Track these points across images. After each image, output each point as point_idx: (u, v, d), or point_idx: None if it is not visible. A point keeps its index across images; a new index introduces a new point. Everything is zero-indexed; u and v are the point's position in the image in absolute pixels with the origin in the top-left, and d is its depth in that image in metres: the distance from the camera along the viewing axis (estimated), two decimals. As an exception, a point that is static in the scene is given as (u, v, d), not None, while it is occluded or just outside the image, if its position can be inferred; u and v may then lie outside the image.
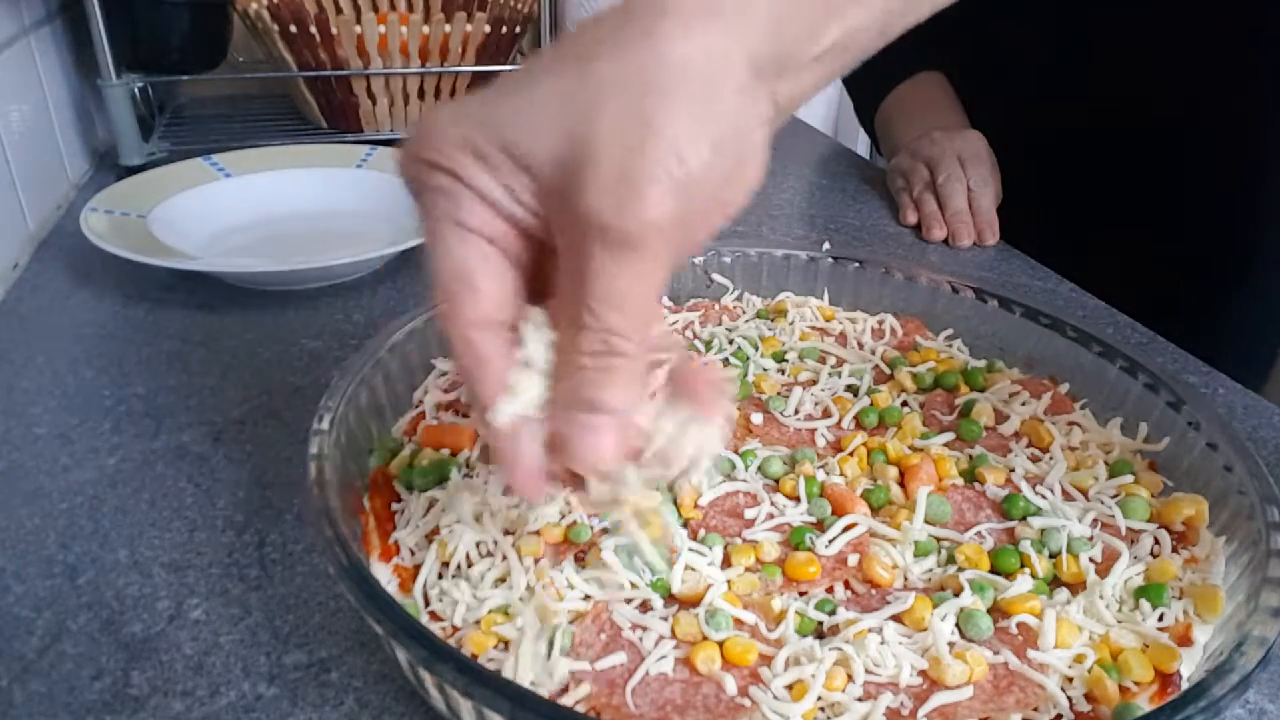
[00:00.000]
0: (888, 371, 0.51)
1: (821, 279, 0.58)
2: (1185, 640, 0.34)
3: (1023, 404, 0.47)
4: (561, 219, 0.27)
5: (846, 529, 0.38)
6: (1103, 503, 0.40)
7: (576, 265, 0.26)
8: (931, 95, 0.87)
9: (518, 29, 0.93)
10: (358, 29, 0.86)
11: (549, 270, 0.29)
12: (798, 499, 0.40)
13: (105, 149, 0.92)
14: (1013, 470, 0.42)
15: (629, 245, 0.26)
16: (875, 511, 0.40)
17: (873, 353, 0.52)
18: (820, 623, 0.34)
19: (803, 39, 0.28)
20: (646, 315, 0.27)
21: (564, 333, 0.28)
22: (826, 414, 0.46)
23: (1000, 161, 0.81)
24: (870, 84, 0.92)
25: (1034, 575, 0.36)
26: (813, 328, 0.55)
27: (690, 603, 0.35)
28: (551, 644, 0.32)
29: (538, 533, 0.37)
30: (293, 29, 0.85)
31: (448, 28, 0.89)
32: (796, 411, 0.46)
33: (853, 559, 0.37)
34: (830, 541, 0.37)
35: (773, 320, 0.55)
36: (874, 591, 0.36)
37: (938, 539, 0.38)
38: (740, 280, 0.58)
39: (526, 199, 0.27)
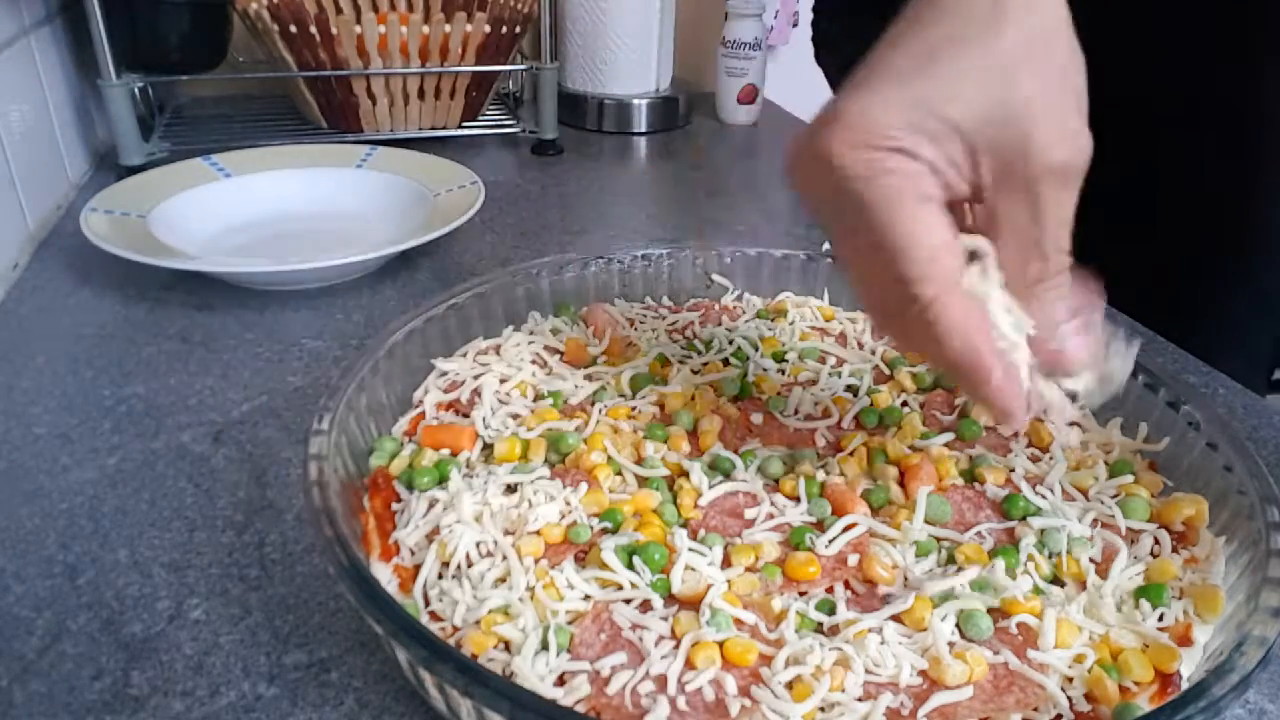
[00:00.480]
0: (887, 371, 0.51)
1: (821, 279, 0.58)
2: (1185, 640, 0.34)
3: (1023, 404, 0.47)
4: (994, 173, 0.31)
5: (846, 529, 0.38)
6: (1103, 503, 0.40)
7: (1025, 208, 0.31)
8: None
9: (518, 29, 0.93)
10: (358, 29, 0.86)
11: None
12: (798, 499, 0.40)
13: (105, 149, 0.92)
14: (1013, 470, 0.42)
15: (1074, 176, 0.31)
16: (875, 511, 0.40)
17: (873, 353, 0.52)
18: (820, 623, 0.34)
19: None
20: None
21: (1022, 274, 0.33)
22: (826, 414, 0.46)
23: None
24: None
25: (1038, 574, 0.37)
26: (813, 328, 0.55)
27: (690, 603, 0.35)
28: (547, 644, 0.32)
29: (538, 533, 0.37)
30: (293, 29, 0.85)
31: (448, 28, 0.89)
32: (796, 411, 0.46)
33: (853, 559, 0.37)
34: (830, 541, 0.37)
35: (773, 320, 0.55)
36: (874, 591, 0.36)
37: (937, 539, 0.38)
38: (740, 280, 0.58)
39: (961, 162, 0.31)
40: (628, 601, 0.35)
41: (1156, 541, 0.39)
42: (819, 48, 0.91)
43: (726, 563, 0.37)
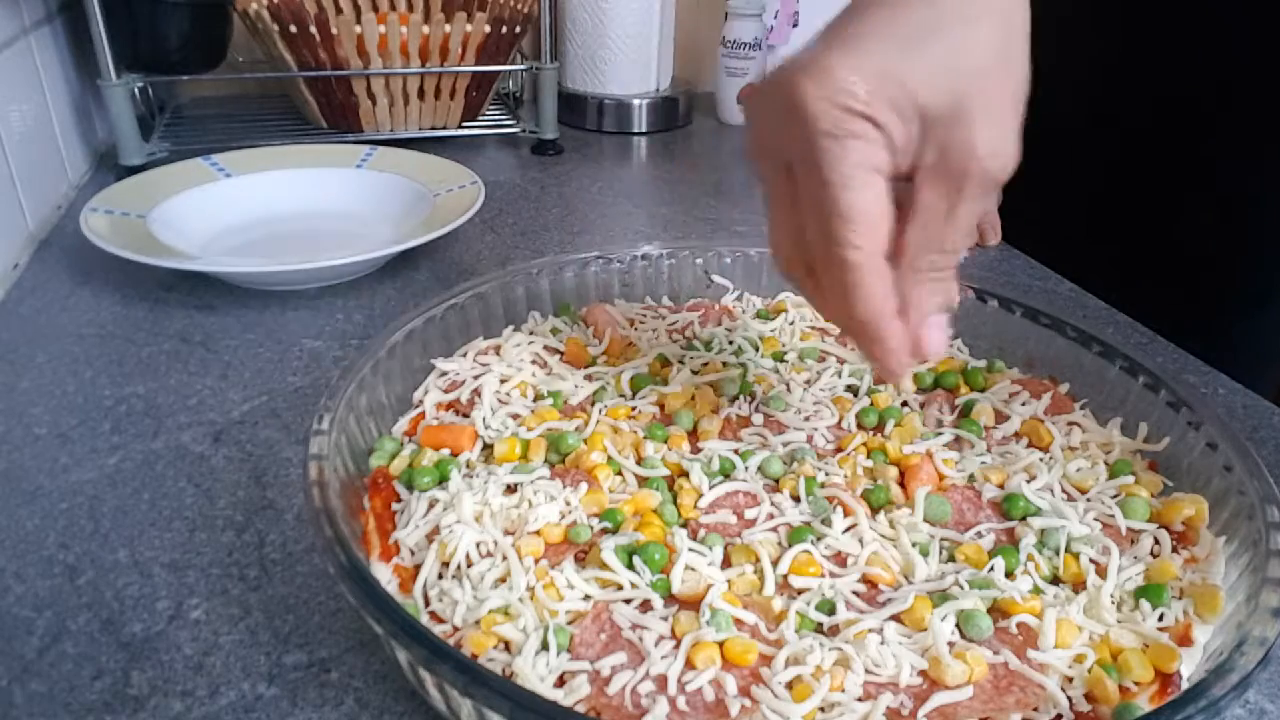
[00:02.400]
0: (888, 371, 0.51)
1: (821, 279, 0.58)
2: (1185, 640, 0.34)
3: (1023, 404, 0.47)
4: (941, 164, 0.32)
5: (847, 529, 0.38)
6: (1103, 503, 0.40)
7: (947, 197, 0.33)
8: None
9: (518, 29, 0.93)
10: (358, 29, 0.86)
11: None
12: (798, 499, 0.40)
13: (105, 149, 0.92)
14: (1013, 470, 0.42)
15: (995, 187, 0.32)
16: (875, 511, 0.40)
17: (873, 353, 0.52)
18: (820, 623, 0.34)
19: None
20: None
21: (922, 256, 0.34)
22: (827, 414, 0.46)
23: None
24: None
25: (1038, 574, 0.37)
26: (813, 328, 0.55)
27: (690, 603, 0.35)
28: (547, 644, 0.32)
29: (538, 533, 0.37)
30: (293, 29, 0.85)
31: (448, 28, 0.89)
32: (797, 411, 0.46)
33: (853, 559, 0.37)
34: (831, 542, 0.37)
35: (772, 320, 0.55)
36: (874, 591, 0.36)
37: (939, 539, 0.38)
38: (740, 280, 0.58)
39: (914, 143, 0.32)
40: (628, 601, 0.35)
41: (1156, 541, 0.39)
42: None
43: (726, 563, 0.37)
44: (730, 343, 0.52)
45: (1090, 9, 0.78)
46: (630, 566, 0.35)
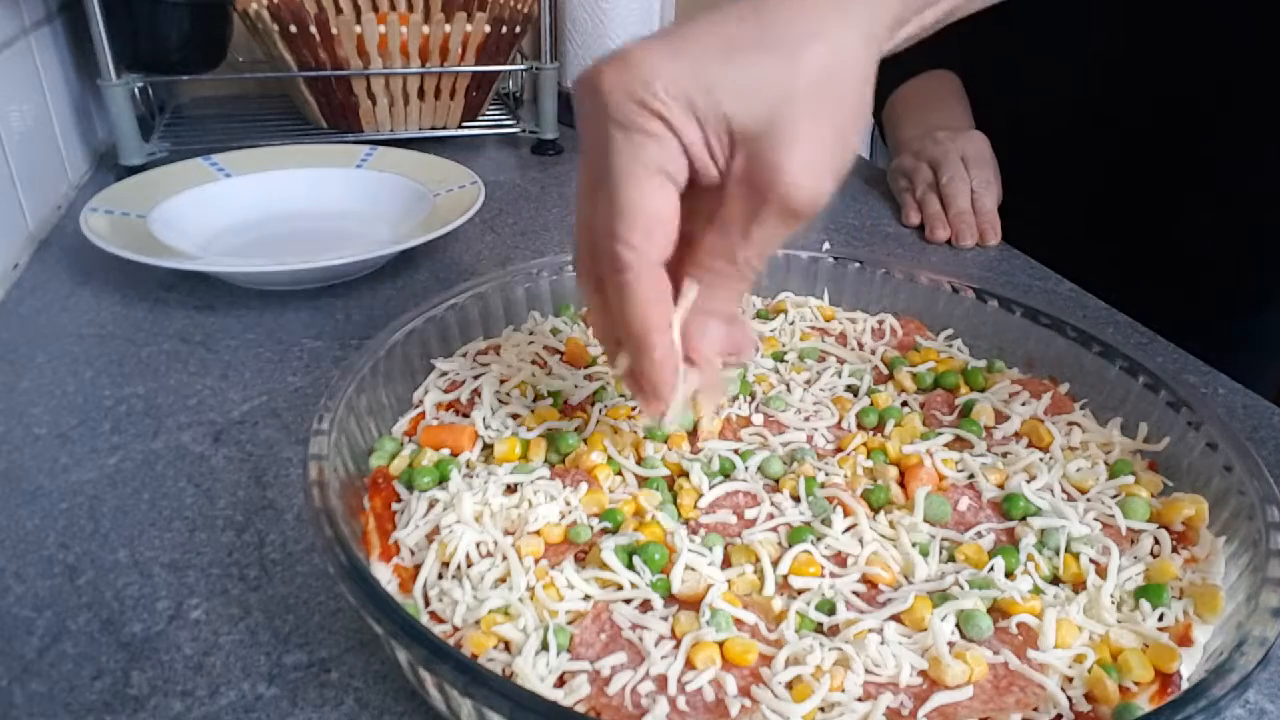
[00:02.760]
0: (887, 372, 0.51)
1: (821, 279, 0.58)
2: (1185, 640, 0.34)
3: (1023, 404, 0.47)
4: (742, 177, 0.32)
5: (847, 529, 0.38)
6: (1103, 503, 0.40)
7: (746, 212, 0.32)
8: (940, 92, 0.87)
9: (518, 29, 0.93)
10: (358, 29, 0.86)
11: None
12: (798, 499, 0.40)
13: (105, 149, 0.92)
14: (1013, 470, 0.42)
15: (800, 216, 0.32)
16: (875, 511, 0.40)
17: (873, 353, 0.52)
18: (820, 623, 0.34)
19: (896, 28, 0.35)
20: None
21: (709, 262, 0.34)
22: (827, 414, 0.46)
23: (1003, 162, 0.81)
24: (882, 73, 0.92)
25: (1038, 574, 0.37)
26: (813, 328, 0.55)
27: (690, 603, 0.35)
28: (547, 644, 0.32)
29: (538, 533, 0.37)
30: (293, 29, 0.85)
31: (448, 28, 0.89)
32: (797, 411, 0.46)
33: (853, 559, 0.37)
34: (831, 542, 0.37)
35: (772, 320, 0.55)
36: (874, 591, 0.36)
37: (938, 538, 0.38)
38: (740, 280, 0.58)
39: (719, 153, 0.32)
40: (628, 601, 0.35)
41: (1156, 541, 0.39)
42: None
43: (726, 563, 0.37)
44: (730, 343, 0.52)
45: (1091, 9, 0.78)
46: (630, 566, 0.35)
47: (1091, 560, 0.37)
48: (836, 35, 0.31)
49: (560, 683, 0.31)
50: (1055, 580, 0.37)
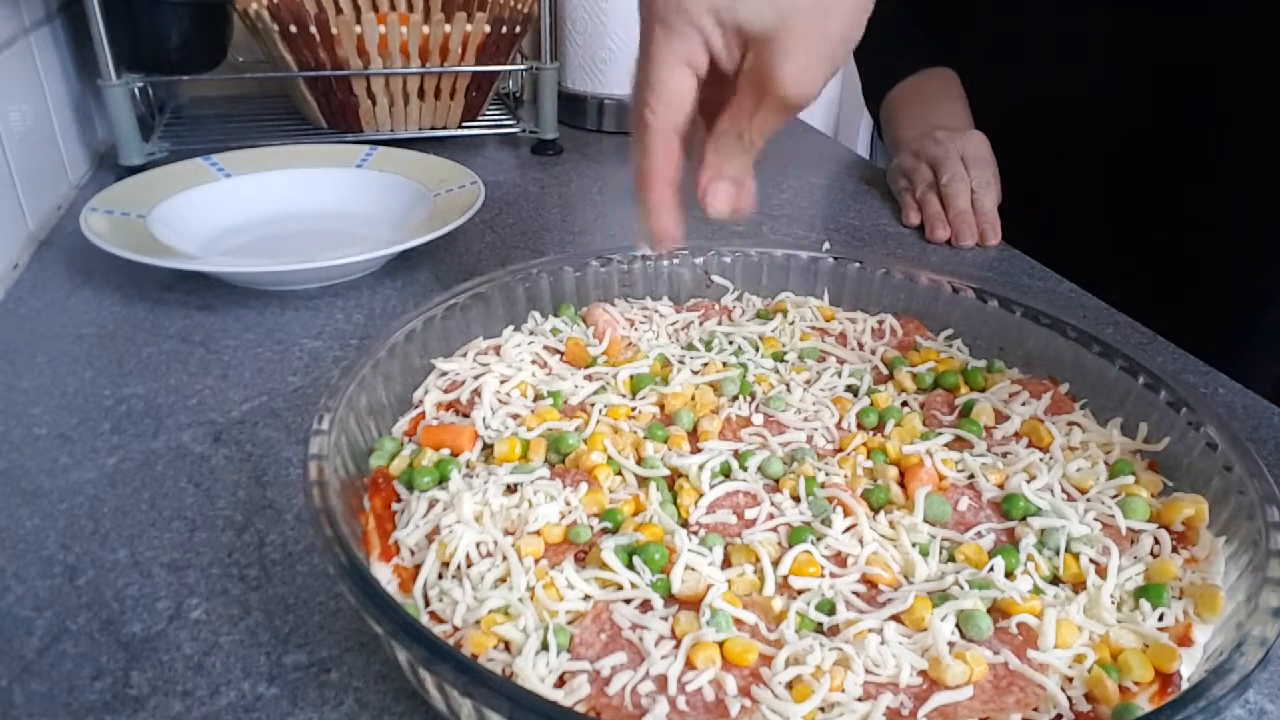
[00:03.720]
0: (887, 372, 0.51)
1: (821, 279, 0.58)
2: (1185, 640, 0.34)
3: (1023, 404, 0.47)
4: (751, 71, 0.40)
5: (847, 529, 0.38)
6: (1103, 503, 0.40)
7: (750, 101, 0.41)
8: (939, 91, 0.87)
9: (518, 29, 0.93)
10: (358, 29, 0.86)
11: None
12: (798, 499, 0.40)
13: (105, 149, 0.92)
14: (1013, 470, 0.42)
15: (792, 110, 0.41)
16: (875, 511, 0.40)
17: (873, 353, 0.52)
18: (820, 623, 0.34)
19: None
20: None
21: (724, 134, 0.43)
22: (827, 414, 0.46)
23: (1004, 161, 0.81)
24: (881, 70, 0.92)
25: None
26: (813, 328, 0.55)
27: (690, 603, 0.35)
28: (547, 644, 0.32)
29: (538, 533, 0.37)
30: (293, 29, 0.85)
31: (448, 28, 0.89)
32: (797, 411, 0.46)
33: (853, 559, 0.37)
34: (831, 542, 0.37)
35: (772, 320, 0.55)
36: (874, 591, 0.36)
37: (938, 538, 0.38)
38: (740, 280, 0.58)
39: (733, 50, 0.41)
40: (628, 601, 0.35)
41: (1156, 541, 0.39)
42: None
43: (726, 563, 0.37)
44: (730, 343, 0.52)
45: (1091, 8, 0.78)
46: (630, 566, 0.35)
47: (1091, 560, 0.37)
48: None
49: (560, 683, 0.31)
50: (1055, 580, 0.37)
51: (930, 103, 0.87)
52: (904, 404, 0.48)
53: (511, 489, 0.39)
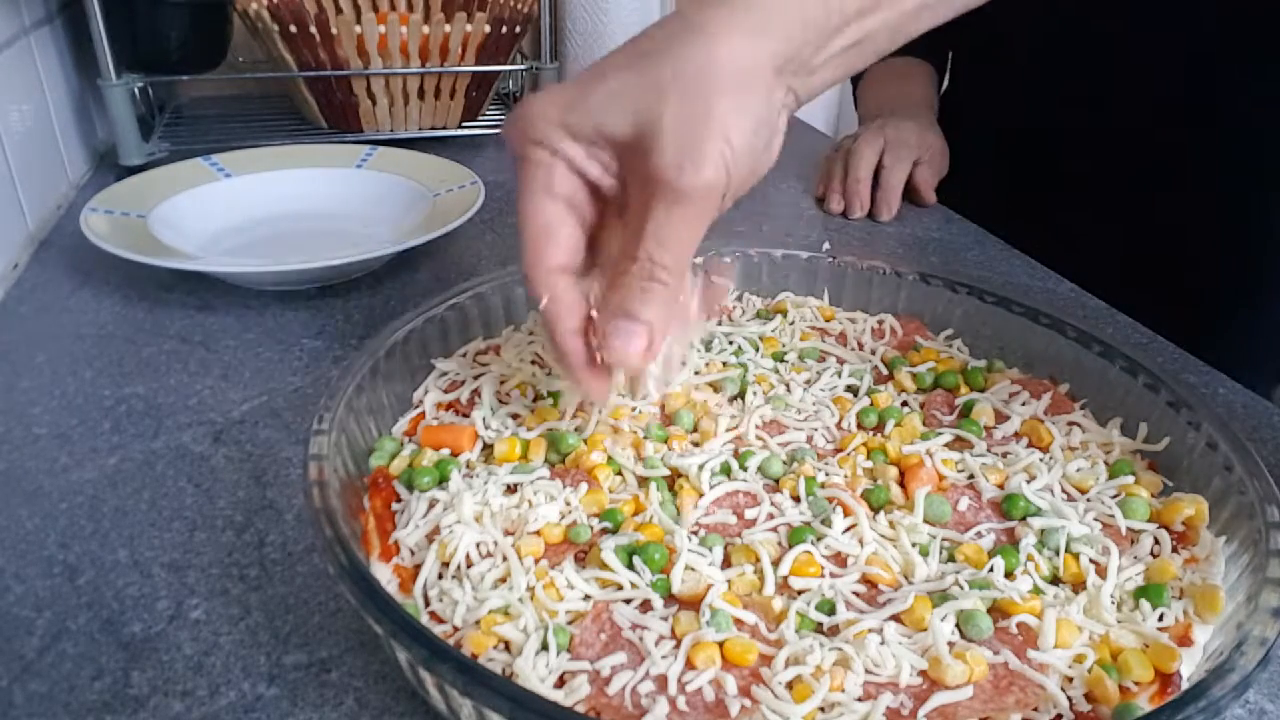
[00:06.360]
0: (887, 372, 0.51)
1: (821, 279, 0.58)
2: (1185, 640, 0.34)
3: (1023, 404, 0.47)
4: (634, 179, 0.36)
5: (847, 529, 0.38)
6: (1103, 503, 0.40)
7: (641, 213, 0.35)
8: (902, 74, 0.90)
9: (518, 29, 0.93)
10: (358, 29, 0.86)
11: (599, 239, 0.39)
12: (798, 499, 0.40)
13: (105, 149, 0.92)
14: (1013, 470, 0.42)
15: (686, 202, 0.34)
16: (875, 511, 0.40)
17: (873, 353, 0.52)
18: (820, 623, 0.34)
19: (818, 45, 0.36)
20: (685, 256, 0.37)
21: (621, 264, 0.36)
22: (827, 414, 0.46)
23: (1003, 161, 0.81)
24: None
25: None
26: (813, 328, 0.55)
27: (690, 603, 0.35)
28: (547, 644, 0.32)
29: (538, 533, 0.37)
30: (293, 29, 0.85)
31: (448, 28, 0.89)
32: (797, 411, 0.46)
33: (853, 559, 0.37)
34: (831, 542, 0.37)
35: (772, 320, 0.55)
36: (874, 591, 0.36)
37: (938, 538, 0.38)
38: (740, 280, 0.58)
39: (606, 163, 0.36)
40: (628, 601, 0.35)
41: (1156, 541, 0.39)
42: None
43: (726, 563, 0.37)
44: (730, 343, 0.52)
45: (1091, 8, 0.78)
46: (630, 566, 0.35)
47: (1091, 560, 0.37)
48: (712, 35, 0.34)
49: (560, 683, 0.31)
50: (1055, 580, 0.37)
51: (888, 84, 0.90)
52: (904, 404, 0.48)
53: (511, 489, 0.39)
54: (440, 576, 0.35)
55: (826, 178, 0.83)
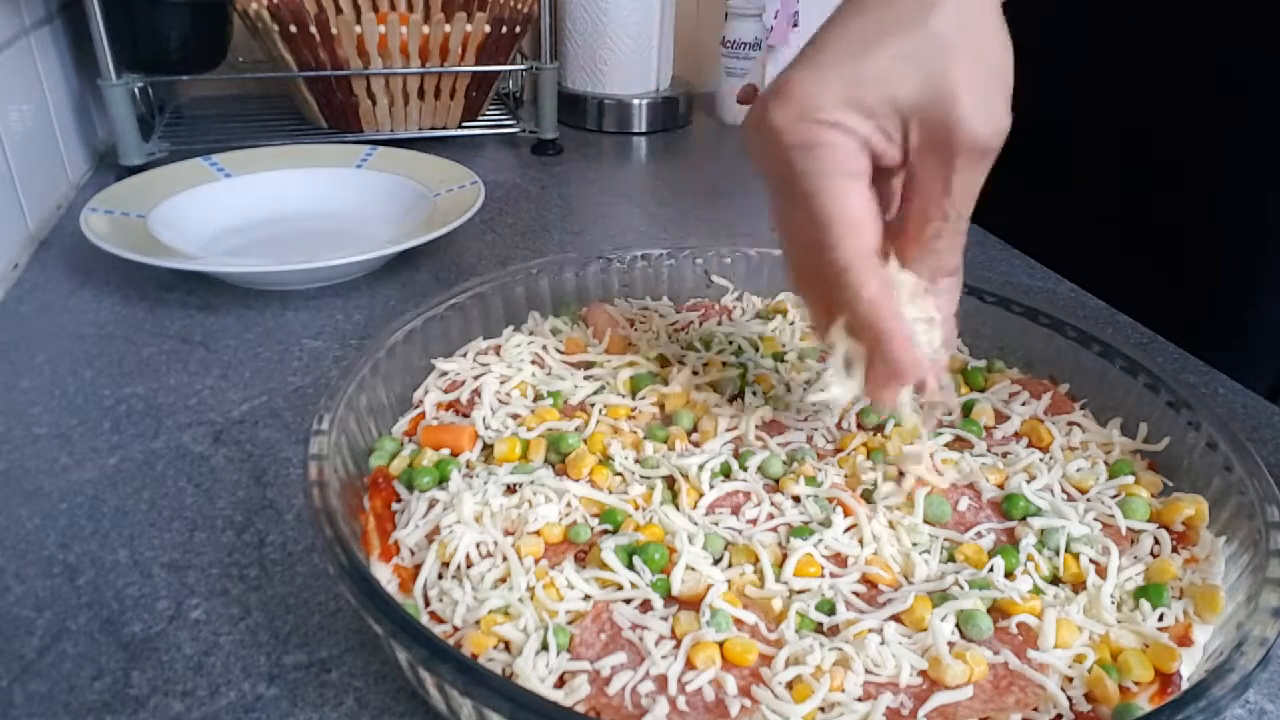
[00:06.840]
0: (888, 371, 0.51)
1: (821, 279, 0.58)
2: (1185, 640, 0.34)
3: (1023, 404, 0.47)
4: (925, 142, 0.34)
5: (847, 529, 0.38)
6: (1103, 503, 0.40)
7: (935, 174, 0.34)
8: None
9: (518, 29, 0.93)
10: (358, 29, 0.86)
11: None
12: (798, 499, 0.40)
13: (105, 149, 0.92)
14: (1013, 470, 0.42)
15: (990, 155, 0.34)
16: (871, 502, 0.40)
17: (873, 353, 0.52)
18: (820, 623, 0.34)
19: None
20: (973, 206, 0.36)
21: (916, 227, 0.36)
22: (827, 414, 0.46)
23: (1002, 161, 0.80)
24: None
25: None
26: (812, 328, 0.55)
27: (690, 603, 0.35)
28: (547, 644, 0.32)
29: (538, 533, 0.37)
30: (293, 29, 0.85)
31: (448, 28, 0.89)
32: (797, 411, 0.46)
33: (853, 559, 0.37)
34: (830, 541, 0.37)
35: (772, 320, 0.55)
36: (874, 591, 0.36)
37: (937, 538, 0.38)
38: (740, 280, 0.58)
39: (893, 133, 0.34)
40: (628, 601, 0.35)
41: (1156, 541, 0.39)
42: None
43: (726, 563, 0.37)
44: (730, 343, 0.52)
45: (1090, 7, 0.78)
46: (630, 566, 0.35)
47: (1091, 560, 0.37)
48: None
49: (560, 683, 0.31)
50: (1055, 580, 0.37)
51: None
52: (904, 404, 0.48)
53: (511, 489, 0.39)
54: (440, 576, 0.35)
55: None
